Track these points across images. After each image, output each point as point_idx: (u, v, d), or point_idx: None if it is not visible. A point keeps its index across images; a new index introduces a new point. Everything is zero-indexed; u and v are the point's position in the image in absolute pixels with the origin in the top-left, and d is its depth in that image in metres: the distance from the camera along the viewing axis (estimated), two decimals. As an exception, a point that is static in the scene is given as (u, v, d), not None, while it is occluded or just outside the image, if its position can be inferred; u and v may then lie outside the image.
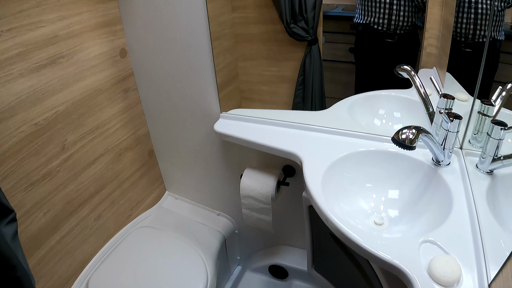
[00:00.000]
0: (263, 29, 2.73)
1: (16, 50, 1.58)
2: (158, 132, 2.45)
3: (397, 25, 2.47)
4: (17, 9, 1.56)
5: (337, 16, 3.35)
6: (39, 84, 1.70)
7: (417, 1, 2.31)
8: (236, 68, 2.92)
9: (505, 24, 1.97)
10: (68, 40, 1.80)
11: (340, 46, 3.40)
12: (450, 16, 1.90)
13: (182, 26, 1.97)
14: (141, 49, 2.12)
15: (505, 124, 1.32)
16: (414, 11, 2.44)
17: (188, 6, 1.92)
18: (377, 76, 2.72)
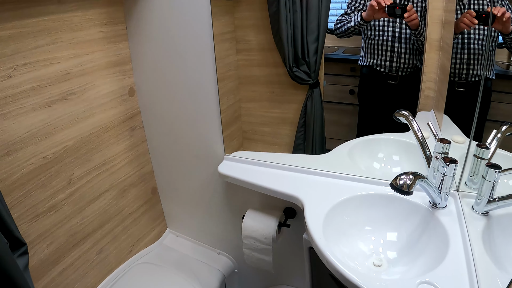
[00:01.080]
0: (266, 71, 2.79)
1: (30, 85, 1.64)
2: (162, 171, 2.49)
3: (398, 66, 2.53)
4: (33, 45, 1.63)
5: (338, 59, 3.42)
6: (50, 118, 1.75)
7: (417, 44, 2.37)
8: (239, 109, 2.97)
9: (498, 63, 2.02)
10: (80, 77, 1.86)
11: (341, 88, 3.46)
12: (447, 61, 1.96)
13: (190, 67, 2.03)
14: (149, 89, 2.18)
15: (499, 167, 1.36)
16: (415, 53, 2.50)
17: (196, 49, 1.98)
18: (379, 117, 2.77)
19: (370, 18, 2.32)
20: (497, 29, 1.73)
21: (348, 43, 3.99)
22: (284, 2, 2.36)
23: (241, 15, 2.75)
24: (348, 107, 3.49)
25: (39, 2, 1.63)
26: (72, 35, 1.80)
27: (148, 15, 2.00)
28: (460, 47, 2.05)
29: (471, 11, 1.79)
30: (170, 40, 2.00)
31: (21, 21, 1.57)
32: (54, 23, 1.71)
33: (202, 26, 1.91)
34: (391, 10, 2.16)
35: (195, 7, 1.88)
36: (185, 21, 1.93)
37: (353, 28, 2.47)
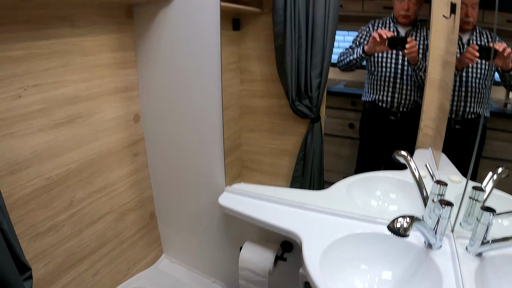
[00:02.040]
0: (268, 102, 2.81)
1: (39, 106, 1.68)
2: (161, 196, 2.50)
3: (400, 102, 2.56)
4: (44, 67, 1.67)
5: (339, 93, 3.45)
6: (55, 140, 1.78)
7: (417, 80, 2.41)
8: (239, 138, 2.99)
9: (496, 100, 2.05)
10: (87, 101, 1.90)
11: (341, 122, 3.48)
12: (446, 101, 2.00)
13: (195, 96, 2.06)
14: (153, 115, 2.21)
15: (493, 211, 1.39)
16: (416, 90, 2.53)
17: (203, 78, 2.01)
18: (379, 152, 2.80)
19: (372, 51, 2.35)
20: (497, 65, 1.76)
21: (350, 76, 4.03)
22: (290, 36, 2.39)
23: (247, 46, 2.79)
24: (347, 141, 3.52)
25: (52, 24, 1.68)
26: (83, 59, 1.84)
27: (158, 43, 2.04)
28: (459, 85, 2.09)
29: (474, 46, 1.83)
30: (178, 69, 2.04)
31: (33, 42, 1.61)
32: (66, 46, 1.75)
33: (210, 56, 1.94)
34: (392, 43, 2.19)
35: (205, 38, 1.91)
36: (194, 51, 1.97)
37: (354, 60, 2.50)
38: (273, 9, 2.40)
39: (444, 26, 2.19)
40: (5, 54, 1.52)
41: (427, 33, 2.43)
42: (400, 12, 2.43)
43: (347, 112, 3.51)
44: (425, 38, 2.46)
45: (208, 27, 1.89)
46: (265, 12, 2.64)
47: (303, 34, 2.43)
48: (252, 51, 2.79)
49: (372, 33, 2.31)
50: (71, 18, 1.75)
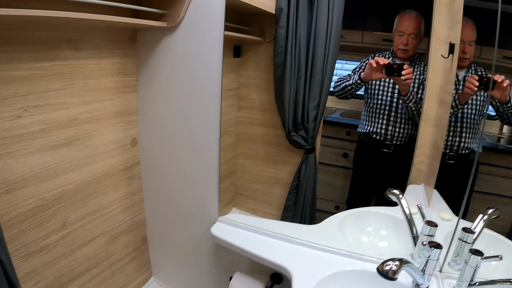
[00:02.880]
0: (265, 131, 2.83)
1: (38, 127, 1.69)
2: (154, 221, 2.50)
3: (393, 135, 2.58)
4: (46, 88, 1.69)
5: (335, 122, 3.47)
6: (53, 161, 1.78)
7: (408, 113, 2.43)
8: (234, 164, 3.01)
9: (490, 135, 2.07)
10: (87, 124, 1.91)
11: (336, 151, 3.50)
12: (440, 140, 2.02)
13: (194, 124, 2.07)
14: (151, 140, 2.22)
15: (481, 254, 1.41)
16: (411, 124, 2.55)
17: (203, 105, 2.02)
18: (371, 183, 2.82)
19: (368, 78, 2.38)
20: (495, 96, 1.79)
21: (346, 105, 4.05)
22: (290, 67, 2.42)
23: (247, 74, 2.81)
24: (341, 170, 3.53)
25: (57, 46, 1.69)
26: (85, 82, 1.86)
27: (159, 69, 2.06)
28: (454, 120, 2.11)
29: (474, 76, 1.86)
30: (178, 94, 2.05)
31: (38, 63, 1.63)
32: (69, 68, 1.77)
33: (211, 83, 1.95)
34: (388, 69, 2.21)
35: (207, 65, 1.93)
36: (195, 77, 1.98)
37: (350, 86, 2.53)
38: (275, 39, 2.43)
39: (441, 65, 2.21)
40: (9, 73, 1.53)
41: (424, 68, 2.46)
42: (399, 47, 2.47)
43: (342, 142, 3.53)
44: (421, 72, 2.49)
45: (211, 54, 1.91)
46: (266, 41, 2.67)
47: (303, 66, 2.45)
48: (252, 79, 2.81)
49: (369, 60, 2.33)
50: (76, 41, 1.77)
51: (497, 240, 1.70)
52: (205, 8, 1.86)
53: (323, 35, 2.39)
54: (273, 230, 1.97)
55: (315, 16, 2.41)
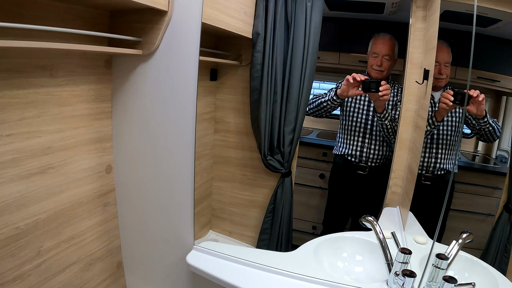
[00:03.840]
0: (241, 154, 2.83)
1: (11, 156, 1.65)
2: (129, 247, 2.46)
3: (368, 157, 2.60)
4: (19, 116, 1.66)
5: (311, 143, 3.48)
6: (26, 190, 1.75)
7: (383, 130, 2.45)
8: (210, 187, 3.00)
9: (464, 153, 2.09)
10: (61, 152, 1.88)
11: (312, 172, 3.52)
12: (415, 164, 2.03)
13: (168, 149, 2.06)
14: (126, 167, 2.20)
15: (455, 281, 1.43)
16: (385, 145, 2.57)
17: (177, 130, 2.01)
18: (346, 205, 2.83)
19: (344, 94, 2.38)
20: (471, 112, 1.81)
21: (322, 125, 4.08)
22: (266, 91, 2.42)
23: (223, 97, 2.81)
24: (317, 190, 3.55)
25: (31, 73, 1.67)
26: (59, 110, 1.83)
27: (134, 95, 2.05)
28: (430, 142, 2.12)
29: (449, 91, 1.87)
30: (153, 121, 2.04)
31: (11, 91, 1.60)
32: (43, 96, 1.74)
33: (186, 109, 1.94)
34: (366, 85, 2.24)
35: (182, 91, 1.92)
36: (170, 103, 1.97)
37: (326, 103, 2.54)
38: (251, 63, 2.43)
39: (416, 90, 2.24)
40: (-19, 102, 1.51)
41: (398, 90, 2.49)
42: (373, 67, 2.50)
43: (318, 163, 3.55)
44: (395, 94, 2.52)
45: (186, 81, 1.91)
46: (243, 65, 2.67)
47: (279, 90, 2.46)
48: (228, 103, 2.81)
49: (347, 76, 2.34)
50: (51, 67, 1.75)
51: (472, 262, 1.72)
52: (181, 35, 1.86)
53: (300, 59, 2.40)
54: (249, 258, 1.95)
55: (292, 40, 2.42)
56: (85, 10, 1.85)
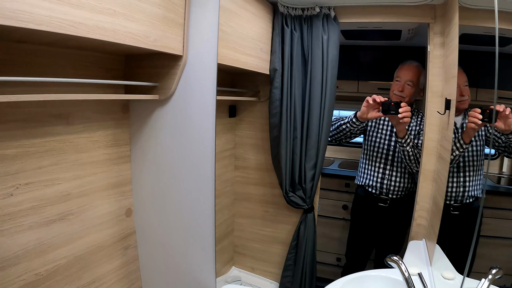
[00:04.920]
0: (262, 191, 2.82)
1: (30, 204, 1.65)
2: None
3: (389, 189, 2.56)
4: (37, 165, 1.66)
5: (333, 175, 3.46)
6: (46, 237, 1.74)
7: (404, 157, 2.40)
8: (232, 223, 2.99)
9: (490, 175, 2.05)
10: (79, 198, 1.88)
11: (335, 203, 3.50)
12: (440, 198, 1.98)
13: (188, 191, 2.03)
14: (146, 209, 2.18)
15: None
16: (407, 176, 2.54)
17: (196, 170, 1.98)
18: (369, 237, 2.79)
19: (364, 116, 2.34)
20: (499, 128, 1.76)
21: (344, 154, 4.07)
22: (286, 127, 2.41)
23: (242, 133, 2.82)
24: (340, 222, 3.53)
25: (47, 122, 1.68)
26: (77, 157, 1.83)
27: (153, 138, 2.04)
28: (456, 171, 2.09)
29: (476, 109, 1.82)
30: (172, 164, 2.03)
31: (28, 140, 1.61)
32: (60, 144, 1.75)
33: (204, 150, 1.93)
34: (385, 107, 2.21)
35: (200, 133, 1.91)
36: (188, 144, 1.96)
37: (345, 125, 2.52)
38: (269, 100, 2.43)
39: (438, 119, 2.21)
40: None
41: (422, 119, 2.45)
42: (395, 92, 2.48)
43: (341, 194, 3.53)
44: (418, 123, 2.48)
45: (204, 122, 1.90)
46: (261, 101, 2.67)
47: (299, 126, 2.45)
48: (248, 139, 2.81)
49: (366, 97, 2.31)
50: (67, 115, 1.76)
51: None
52: (197, 78, 1.86)
53: (318, 94, 2.40)
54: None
55: (310, 75, 2.42)
56: (100, 56, 1.87)
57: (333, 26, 2.40)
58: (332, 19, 2.40)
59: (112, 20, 1.43)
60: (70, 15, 1.28)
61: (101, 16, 1.39)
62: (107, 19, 1.41)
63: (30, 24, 1.16)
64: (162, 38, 1.69)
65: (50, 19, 1.22)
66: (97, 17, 1.37)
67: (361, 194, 2.79)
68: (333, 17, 2.41)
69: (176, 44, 1.79)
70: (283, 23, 2.42)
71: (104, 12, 1.40)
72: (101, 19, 1.39)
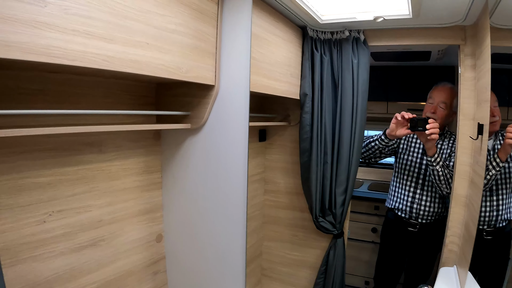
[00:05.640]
0: (291, 215, 2.82)
1: (62, 231, 1.67)
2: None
3: (418, 214, 2.53)
4: (70, 193, 1.68)
5: (362, 197, 3.44)
6: (77, 263, 1.76)
7: (439, 182, 2.36)
8: (260, 246, 2.98)
9: None
10: (111, 224, 1.89)
11: (364, 226, 3.48)
12: (472, 224, 1.94)
13: (219, 218, 2.04)
14: (176, 235, 2.19)
15: None
16: (437, 201, 2.50)
17: (227, 196, 1.99)
18: (398, 261, 2.76)
19: (393, 133, 2.33)
20: None
21: (374, 176, 4.04)
22: (316, 153, 2.41)
23: (272, 157, 2.82)
24: (369, 245, 3.50)
25: (80, 150, 1.70)
26: (109, 184, 1.85)
27: (185, 164, 2.06)
28: (489, 195, 2.06)
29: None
30: (203, 190, 2.04)
31: (61, 168, 1.63)
32: (93, 172, 1.77)
33: (236, 179, 1.93)
34: (413, 123, 2.19)
35: (232, 161, 1.91)
36: (220, 174, 1.97)
37: (373, 143, 2.51)
38: (300, 125, 2.43)
39: (470, 143, 2.18)
40: (32, 180, 1.54)
41: (453, 142, 2.42)
42: (427, 114, 2.44)
43: (370, 217, 3.51)
44: (449, 146, 2.45)
45: (236, 150, 1.90)
46: (291, 125, 2.67)
47: (329, 151, 2.45)
48: (278, 163, 2.82)
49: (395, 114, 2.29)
50: (99, 144, 1.78)
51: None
52: (229, 106, 1.87)
53: (349, 119, 2.39)
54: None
55: (340, 100, 2.42)
56: (131, 84, 1.89)
57: (363, 50, 2.39)
58: (361, 42, 2.40)
59: (145, 53, 1.45)
60: (103, 49, 1.29)
61: (134, 50, 1.40)
62: (140, 52, 1.43)
63: (64, 60, 1.18)
64: (194, 68, 1.71)
65: (83, 54, 1.23)
66: (130, 51, 1.39)
67: (391, 218, 2.77)
68: (363, 41, 2.40)
69: (208, 73, 1.81)
70: (313, 47, 2.42)
71: (137, 45, 1.42)
72: (134, 52, 1.40)
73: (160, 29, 1.51)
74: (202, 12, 1.73)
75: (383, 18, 2.18)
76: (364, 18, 2.21)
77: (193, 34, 1.69)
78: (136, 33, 1.41)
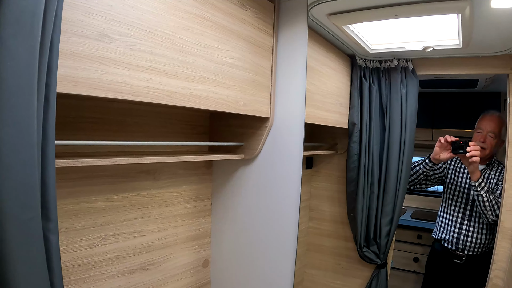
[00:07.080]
0: (335, 243, 2.80)
1: (114, 254, 1.71)
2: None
3: (465, 245, 2.48)
4: (123, 218, 1.73)
5: (405, 226, 3.40)
6: (126, 286, 1.80)
7: (484, 208, 2.32)
8: (302, 274, 2.97)
9: None
10: (161, 249, 1.93)
11: (406, 255, 3.42)
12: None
13: (267, 247, 2.06)
14: (223, 261, 2.20)
15: None
16: (486, 233, 2.46)
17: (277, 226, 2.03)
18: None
19: (436, 156, 2.32)
20: None
21: (417, 203, 3.98)
22: (363, 182, 2.40)
23: (318, 185, 2.81)
24: (411, 275, 3.45)
25: (136, 178, 1.75)
26: (161, 210, 1.89)
27: (235, 193, 2.08)
28: None
29: None
30: (254, 219, 2.06)
31: (116, 194, 1.68)
32: (146, 198, 1.81)
33: (288, 207, 1.96)
34: (454, 145, 2.19)
35: (284, 190, 1.93)
36: (271, 205, 1.99)
37: (418, 167, 2.47)
38: (347, 154, 2.43)
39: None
40: (88, 205, 1.58)
41: (501, 171, 2.38)
42: (476, 143, 2.41)
43: (413, 246, 3.45)
44: (495, 175, 2.42)
45: (288, 181, 1.92)
46: (338, 153, 2.67)
47: (376, 181, 2.43)
48: (323, 191, 2.81)
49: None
50: (154, 171, 1.82)
51: None
52: (283, 138, 1.89)
53: (396, 149, 2.38)
54: None
55: (388, 129, 2.41)
56: (187, 114, 1.93)
57: (411, 79, 2.39)
58: (410, 71, 2.39)
59: (205, 87, 1.48)
60: (167, 85, 1.33)
61: (195, 85, 1.44)
62: (200, 87, 1.46)
63: (129, 96, 1.22)
64: (251, 102, 1.74)
65: (147, 90, 1.27)
66: (191, 86, 1.42)
67: (437, 249, 2.73)
68: (411, 70, 2.40)
69: (263, 106, 1.84)
70: (361, 76, 2.42)
71: (199, 80, 1.45)
72: (195, 87, 1.44)
73: (219, 64, 1.55)
74: (259, 46, 1.76)
75: (433, 48, 2.18)
76: (413, 48, 2.21)
77: (250, 68, 1.72)
78: (198, 68, 1.45)
